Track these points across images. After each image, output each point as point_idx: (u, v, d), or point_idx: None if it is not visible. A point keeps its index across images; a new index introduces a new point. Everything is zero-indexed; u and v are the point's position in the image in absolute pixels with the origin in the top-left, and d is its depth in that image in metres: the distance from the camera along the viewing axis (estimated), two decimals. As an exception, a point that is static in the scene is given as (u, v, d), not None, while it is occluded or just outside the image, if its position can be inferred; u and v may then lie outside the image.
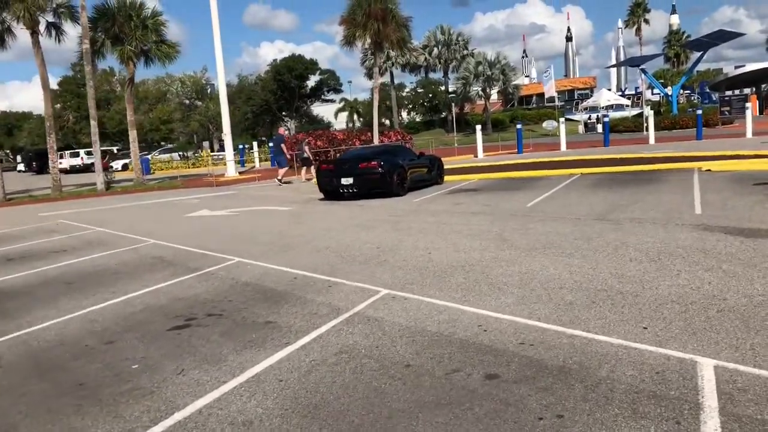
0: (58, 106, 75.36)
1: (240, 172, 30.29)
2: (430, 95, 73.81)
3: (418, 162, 17.10)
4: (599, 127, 50.69)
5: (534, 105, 79.31)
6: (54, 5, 25.42)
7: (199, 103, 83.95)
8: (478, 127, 31.35)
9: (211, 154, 55.44)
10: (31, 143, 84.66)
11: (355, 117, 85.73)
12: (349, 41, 33.89)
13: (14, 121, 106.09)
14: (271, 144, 23.99)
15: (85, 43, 24.77)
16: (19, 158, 76.81)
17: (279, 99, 71.23)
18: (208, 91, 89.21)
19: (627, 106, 57.53)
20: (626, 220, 9.64)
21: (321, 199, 16.31)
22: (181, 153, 50.41)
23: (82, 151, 62.88)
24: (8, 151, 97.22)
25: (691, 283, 5.90)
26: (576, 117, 58.29)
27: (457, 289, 6.32)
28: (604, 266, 6.78)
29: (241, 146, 42.78)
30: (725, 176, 13.95)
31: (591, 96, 66.95)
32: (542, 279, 6.46)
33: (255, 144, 40.74)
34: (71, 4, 25.61)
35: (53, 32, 26.64)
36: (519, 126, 31.35)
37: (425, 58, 66.20)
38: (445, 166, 19.26)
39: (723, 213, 9.55)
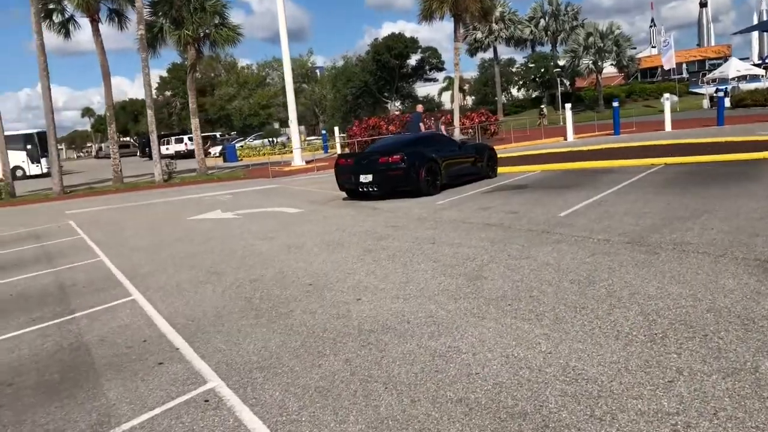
0: (168, 93, 77.95)
1: (308, 161, 28.60)
2: (542, 70, 69.09)
3: (460, 153, 14.50)
4: (727, 101, 45.07)
5: (659, 78, 72.75)
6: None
7: (306, 86, 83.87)
8: (568, 105, 27.82)
9: (307, 139, 54.74)
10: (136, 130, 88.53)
11: (460, 96, 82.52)
12: (426, 15, 31.25)
13: (140, 108, 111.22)
14: (407, 122, 22.48)
15: (140, 29, 23.86)
16: (141, 144, 79.87)
17: (379, 80, 69.38)
18: (317, 73, 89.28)
19: (762, 76, 50.62)
20: (669, 245, 6.84)
21: (344, 199, 14.13)
22: (270, 139, 49.75)
23: (185, 137, 64.26)
24: (135, 138, 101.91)
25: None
26: (701, 90, 52.19)
27: (320, 387, 4.00)
28: (567, 349, 4.25)
29: (323, 131, 41.31)
30: None
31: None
32: (453, 375, 4.01)
33: (336, 129, 39.09)
34: (127, -10, 24.60)
35: (115, 19, 25.81)
36: (615, 104, 27.54)
37: (531, 31, 61.87)
38: (524, 152, 16.47)
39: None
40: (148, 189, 23.24)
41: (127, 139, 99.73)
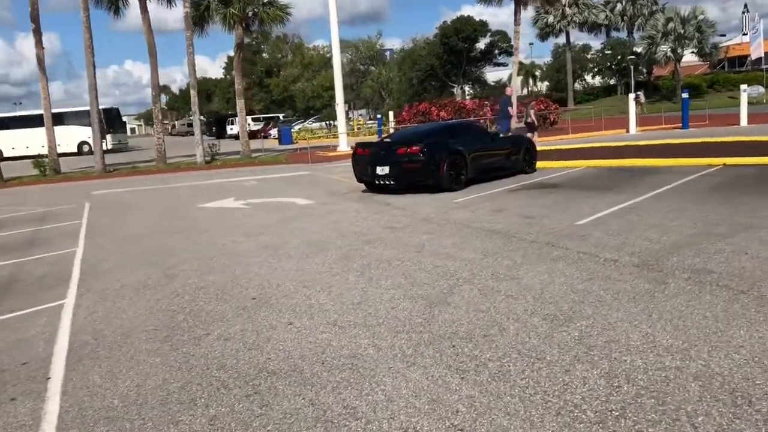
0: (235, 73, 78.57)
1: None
2: (619, 57, 65.75)
3: (491, 146, 13.30)
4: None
5: (748, 67, 68.18)
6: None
7: (373, 68, 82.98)
8: (631, 96, 25.92)
9: (367, 122, 53.90)
10: (222, 108, 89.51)
11: (531, 81, 79.95)
12: (485, -3, 29.72)
13: (212, 87, 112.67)
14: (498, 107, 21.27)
15: (186, 7, 23.40)
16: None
17: (445, 63, 67.75)
18: (386, 56, 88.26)
19: None
20: (685, 271, 5.65)
21: (363, 191, 13.20)
22: (328, 122, 49.12)
23: (249, 118, 64.60)
24: (203, 116, 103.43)
25: None
26: (791, 81, 48.39)
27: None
28: (486, 426, 3.24)
29: (379, 116, 40.37)
30: None
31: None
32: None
33: (391, 114, 38.02)
34: (174, -33, 24.17)
35: (164, -2, 25.48)
36: (685, 95, 25.42)
37: (606, 16, 58.76)
38: (576, 145, 15.08)
39: None
40: (187, 171, 22.94)
41: (202, 117, 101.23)
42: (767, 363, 3.66)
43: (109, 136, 49.95)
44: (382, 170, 12.14)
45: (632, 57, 54.38)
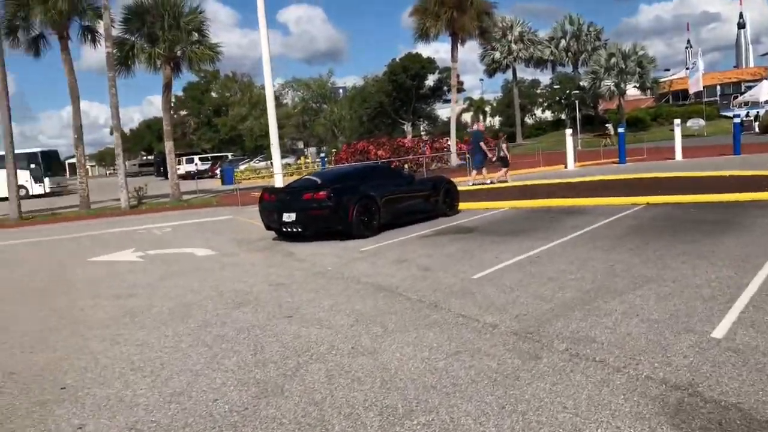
0: (183, 112, 77.37)
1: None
2: (567, 91, 66.75)
3: (407, 189, 12.61)
4: (756, 126, 42.33)
5: (691, 100, 69.80)
6: (81, 7, 23.21)
7: (325, 106, 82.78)
8: (568, 131, 25.76)
9: (315, 161, 53.17)
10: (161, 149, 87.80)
11: (481, 117, 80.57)
12: (422, 34, 29.59)
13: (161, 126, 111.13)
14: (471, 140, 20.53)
15: (107, 47, 22.47)
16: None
17: (395, 100, 67.78)
18: (340, 93, 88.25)
19: (800, 100, 47.47)
20: (565, 341, 5.03)
21: (274, 239, 12.36)
22: (270, 161, 48.24)
23: (196, 158, 63.47)
24: (150, 157, 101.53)
25: None
26: (731, 113, 49.27)
27: None
28: None
29: (322, 154, 39.76)
30: None
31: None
32: None
33: (335, 152, 37.35)
34: (97, 5, 23.28)
35: (88, 36, 24.54)
36: (621, 130, 25.40)
37: (551, 51, 59.65)
38: (507, 184, 14.51)
39: None
40: (109, 216, 21.78)
41: (148, 158, 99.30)
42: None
43: (47, 180, 48.23)
44: (289, 217, 11.33)
45: (577, 92, 55.15)
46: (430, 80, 67.63)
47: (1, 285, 10.08)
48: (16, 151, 46.40)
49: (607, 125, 44.57)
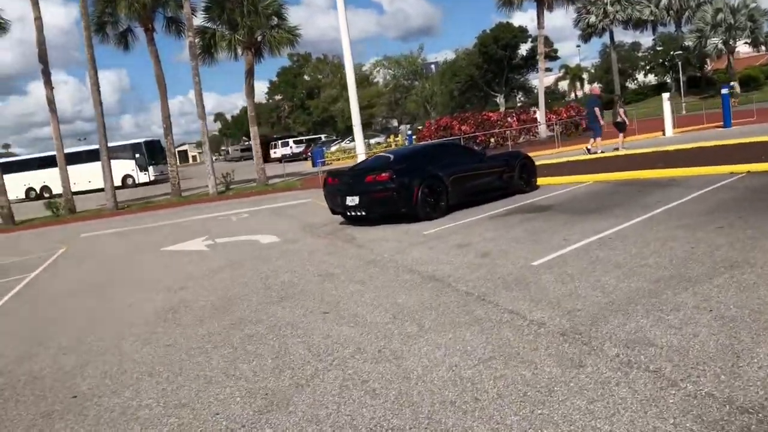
0: (278, 96, 78.90)
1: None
2: (670, 53, 62.69)
3: (477, 167, 11.90)
4: None
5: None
6: (161, -1, 23.70)
7: (417, 83, 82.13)
8: (665, 96, 23.80)
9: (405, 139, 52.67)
10: (269, 132, 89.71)
11: (578, 84, 77.36)
12: (505, 1, 28.24)
13: (267, 111, 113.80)
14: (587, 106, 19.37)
15: (189, 36, 22.83)
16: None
17: (486, 73, 66.02)
18: (432, 68, 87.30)
19: None
20: (620, 344, 4.40)
21: (341, 223, 12.05)
22: (366, 141, 48.08)
23: (291, 141, 64.54)
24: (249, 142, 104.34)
25: None
26: None
27: None
28: None
29: (409, 133, 39.17)
30: None
31: None
32: None
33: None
34: (178, -6, 23.67)
35: (172, 27, 25.06)
36: (725, 91, 23.19)
37: (651, 11, 55.95)
38: (602, 154, 13.53)
39: None
40: (196, 203, 22.29)
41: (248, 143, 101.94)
42: None
43: (151, 168, 50.39)
44: (352, 200, 10.94)
45: (680, 52, 51.46)
46: (523, 50, 65.31)
47: (70, 278, 10.28)
48: (122, 143, 49.04)
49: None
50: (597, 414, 3.36)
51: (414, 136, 36.70)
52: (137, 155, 50.19)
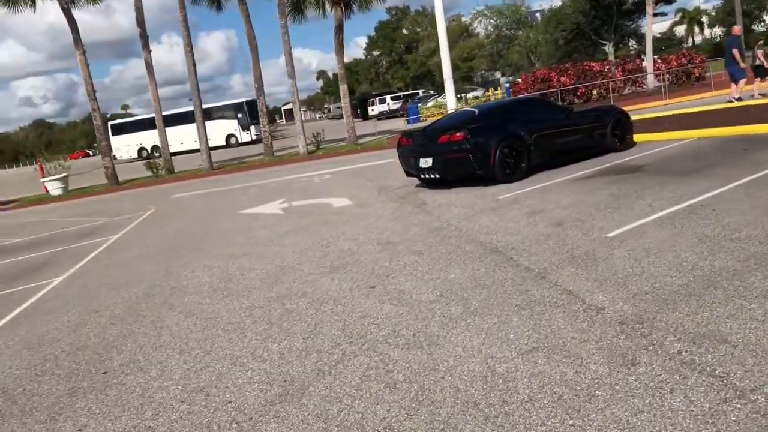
0: (376, 52, 78.30)
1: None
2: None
3: (565, 124, 11.04)
4: None
5: None
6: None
7: (520, 32, 79.22)
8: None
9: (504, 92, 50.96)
10: (370, 89, 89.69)
11: (697, 29, 71.87)
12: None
13: (367, 67, 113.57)
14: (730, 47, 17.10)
15: (278, -7, 22.66)
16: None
17: (594, 20, 62.28)
18: (537, 17, 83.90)
19: None
20: (685, 339, 3.81)
21: (417, 186, 11.65)
22: (459, 95, 46.96)
23: (388, 97, 64.02)
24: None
25: None
26: None
27: None
28: None
29: (507, 85, 37.70)
30: None
31: None
32: None
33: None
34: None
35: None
36: None
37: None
38: (712, 105, 12.33)
39: None
40: (287, 163, 22.49)
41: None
42: None
43: (253, 128, 51.47)
44: (425, 162, 10.45)
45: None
46: (634, -7, 60.95)
47: (147, 242, 10.47)
48: (224, 102, 50.28)
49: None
50: (638, 429, 2.80)
51: (511, 89, 35.29)
52: (239, 115, 51.38)
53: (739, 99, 16.38)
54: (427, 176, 10.57)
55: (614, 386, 3.24)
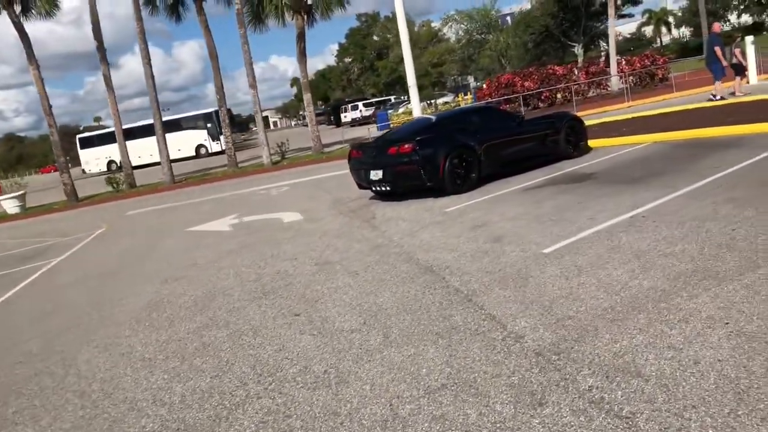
0: (348, 59, 78.06)
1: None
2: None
3: (516, 132, 10.85)
4: None
5: None
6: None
7: (490, 36, 79.39)
8: (749, 39, 21.45)
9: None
10: (343, 96, 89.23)
11: (664, 30, 72.67)
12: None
13: (339, 74, 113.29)
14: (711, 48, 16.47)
15: (237, 4, 22.36)
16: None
17: (562, 21, 62.63)
18: (508, 20, 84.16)
19: None
20: (598, 373, 3.58)
21: (370, 198, 11.37)
22: (428, 102, 46.90)
23: (360, 104, 63.79)
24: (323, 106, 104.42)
25: None
26: None
27: None
28: None
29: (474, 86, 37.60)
30: None
31: None
32: None
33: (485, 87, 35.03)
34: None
35: (222, -3, 24.66)
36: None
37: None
38: (670, 108, 12.33)
39: None
40: (251, 174, 22.13)
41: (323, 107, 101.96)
42: None
43: (222, 137, 50.81)
44: (376, 175, 10.20)
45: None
46: (601, -5, 61.38)
47: (86, 265, 10.13)
48: (194, 113, 49.63)
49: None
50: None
51: (477, 95, 35.18)
52: (209, 125, 50.76)
53: (722, 98, 16.31)
54: (378, 189, 10.33)
55: (516, 431, 2.99)
